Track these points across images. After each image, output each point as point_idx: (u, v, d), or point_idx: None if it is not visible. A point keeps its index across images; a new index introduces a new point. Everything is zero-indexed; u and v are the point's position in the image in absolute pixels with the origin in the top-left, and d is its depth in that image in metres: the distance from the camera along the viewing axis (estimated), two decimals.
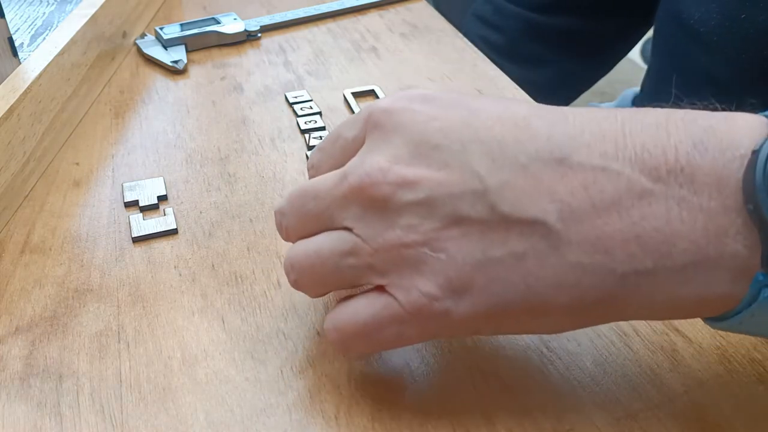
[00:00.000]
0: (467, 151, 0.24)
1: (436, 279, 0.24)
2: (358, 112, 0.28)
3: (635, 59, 1.87)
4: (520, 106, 0.25)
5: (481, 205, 0.23)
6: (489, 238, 0.23)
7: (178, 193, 0.42)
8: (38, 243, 0.38)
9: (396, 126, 0.25)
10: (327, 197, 0.26)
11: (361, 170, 0.25)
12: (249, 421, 0.28)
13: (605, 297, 0.23)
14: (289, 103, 0.51)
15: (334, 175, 0.26)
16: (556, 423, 0.28)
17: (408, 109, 0.25)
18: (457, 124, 0.25)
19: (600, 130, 0.23)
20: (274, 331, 0.32)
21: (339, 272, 0.26)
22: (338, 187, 0.26)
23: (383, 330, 0.25)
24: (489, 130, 0.24)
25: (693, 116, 0.23)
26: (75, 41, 0.48)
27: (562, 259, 0.23)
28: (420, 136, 0.25)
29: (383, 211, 0.24)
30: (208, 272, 0.36)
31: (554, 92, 0.73)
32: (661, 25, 0.60)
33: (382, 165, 0.24)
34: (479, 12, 0.75)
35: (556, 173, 0.23)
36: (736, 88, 0.51)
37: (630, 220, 0.22)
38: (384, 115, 0.26)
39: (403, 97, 0.26)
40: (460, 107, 0.25)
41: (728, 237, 0.21)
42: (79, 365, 0.31)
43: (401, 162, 0.24)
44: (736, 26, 0.48)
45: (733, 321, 0.23)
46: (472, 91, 0.51)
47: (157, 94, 0.52)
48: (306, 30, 0.62)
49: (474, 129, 0.24)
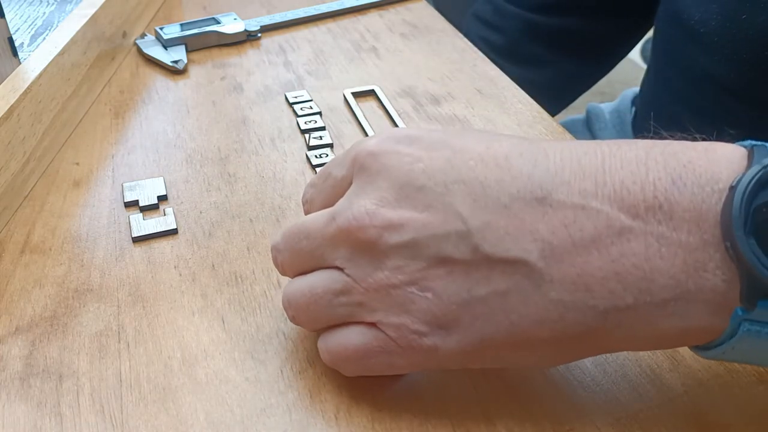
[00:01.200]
0: (450, 193, 0.25)
1: (423, 317, 0.25)
2: (347, 151, 0.28)
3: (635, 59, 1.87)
4: (502, 144, 0.25)
5: (464, 246, 0.24)
6: (473, 278, 0.24)
7: (178, 193, 0.42)
8: (38, 243, 0.38)
9: (381, 169, 0.26)
10: (318, 237, 0.27)
11: (348, 213, 0.26)
12: (249, 421, 0.28)
13: (587, 332, 0.24)
14: (289, 103, 0.51)
15: (324, 215, 0.27)
16: (556, 423, 0.28)
17: (393, 152, 0.26)
18: (441, 165, 0.25)
19: (580, 167, 0.24)
20: (274, 331, 0.32)
21: (332, 310, 0.27)
22: (327, 228, 0.26)
23: (373, 359, 0.27)
24: (471, 171, 0.25)
25: (673, 150, 0.23)
26: (75, 41, 0.48)
27: (544, 296, 0.23)
28: (405, 178, 0.25)
29: (371, 252, 0.25)
30: (208, 272, 0.36)
31: (554, 92, 0.73)
32: (661, 25, 0.60)
33: (368, 208, 0.25)
34: (479, 12, 0.75)
35: (536, 212, 0.23)
36: (736, 88, 0.51)
37: (609, 258, 0.23)
38: (370, 157, 0.26)
39: (389, 138, 0.27)
40: (444, 147, 0.26)
41: (707, 271, 0.22)
42: (79, 365, 0.31)
43: (387, 205, 0.25)
44: (736, 27, 0.48)
45: (716, 351, 0.23)
46: (472, 91, 0.51)
47: (157, 94, 0.53)
48: (306, 30, 0.62)
49: (457, 170, 0.25)
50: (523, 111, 0.49)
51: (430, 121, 0.48)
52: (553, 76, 0.73)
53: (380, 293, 0.25)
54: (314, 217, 0.28)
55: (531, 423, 0.28)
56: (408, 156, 0.26)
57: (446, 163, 0.25)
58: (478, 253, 0.24)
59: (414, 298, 0.25)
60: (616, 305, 0.23)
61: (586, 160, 0.24)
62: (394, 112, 0.49)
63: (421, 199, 0.25)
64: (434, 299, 0.25)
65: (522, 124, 0.47)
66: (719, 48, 0.50)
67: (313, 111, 0.49)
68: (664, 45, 0.60)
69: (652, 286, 0.22)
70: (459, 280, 0.24)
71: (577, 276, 0.23)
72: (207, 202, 0.41)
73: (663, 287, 0.22)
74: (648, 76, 0.66)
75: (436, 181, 0.25)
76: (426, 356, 0.26)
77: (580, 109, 0.79)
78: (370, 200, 0.25)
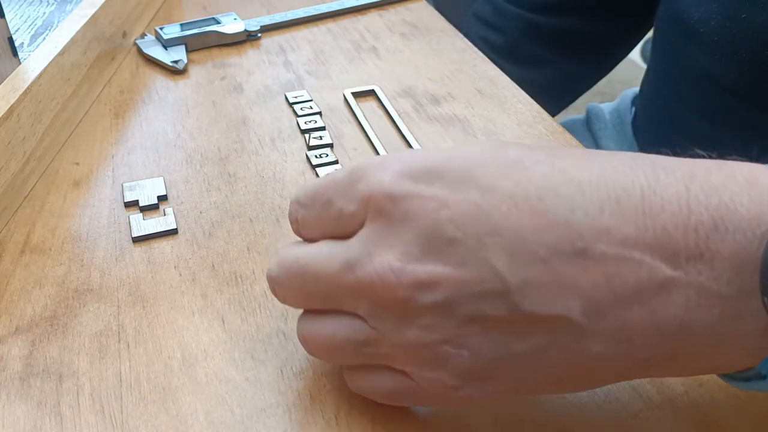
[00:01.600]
0: (485, 247, 0.22)
1: (458, 372, 0.24)
2: (351, 177, 0.25)
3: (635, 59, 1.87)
4: (532, 177, 0.23)
5: (502, 304, 0.22)
6: (511, 334, 0.23)
7: (178, 193, 0.42)
8: (38, 243, 0.38)
9: (403, 217, 0.23)
10: (331, 283, 0.25)
11: (370, 267, 0.23)
12: (249, 421, 0.28)
13: (621, 374, 0.24)
14: (289, 103, 0.51)
15: (336, 259, 0.25)
16: (557, 423, 0.28)
17: (414, 195, 0.23)
18: (470, 212, 0.23)
19: (619, 208, 0.22)
20: (274, 331, 0.32)
21: (356, 356, 0.26)
22: (344, 277, 0.24)
23: (400, 400, 0.27)
24: (505, 219, 0.22)
25: (713, 183, 0.22)
26: (75, 41, 0.48)
27: (585, 350, 0.23)
28: (431, 229, 0.23)
29: (399, 311, 0.24)
30: (208, 272, 0.36)
31: (554, 92, 0.73)
32: (660, 25, 0.60)
33: (393, 265, 0.23)
34: (479, 12, 0.75)
35: (577, 266, 0.22)
36: (735, 88, 0.51)
37: (650, 309, 0.22)
38: (389, 202, 0.24)
39: (406, 175, 0.24)
40: (469, 186, 0.23)
41: (743, 320, 0.22)
42: (79, 365, 0.31)
43: (414, 260, 0.23)
44: (736, 26, 0.48)
45: (745, 384, 0.24)
46: (472, 91, 0.51)
47: (157, 94, 0.52)
48: (306, 30, 0.62)
49: (488, 217, 0.23)
50: (523, 111, 0.49)
51: (430, 121, 0.48)
52: (553, 76, 0.73)
53: (410, 350, 0.24)
54: (322, 257, 0.25)
55: (532, 423, 0.28)
56: (431, 200, 0.23)
57: (476, 209, 0.23)
58: (517, 311, 0.22)
59: (448, 355, 0.23)
60: (654, 354, 0.23)
61: (625, 199, 0.22)
62: (394, 112, 0.49)
63: (452, 254, 0.23)
64: (470, 356, 0.23)
65: (522, 124, 0.47)
66: (719, 48, 0.50)
67: (313, 111, 0.49)
68: (664, 45, 0.60)
69: (690, 336, 0.22)
70: (496, 337, 0.23)
71: (618, 329, 0.22)
72: (207, 202, 0.41)
73: (700, 336, 0.22)
74: (648, 76, 0.66)
75: (468, 233, 0.22)
76: (457, 402, 0.26)
77: (580, 109, 0.79)
78: (394, 255, 0.23)
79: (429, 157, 0.24)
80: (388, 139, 0.46)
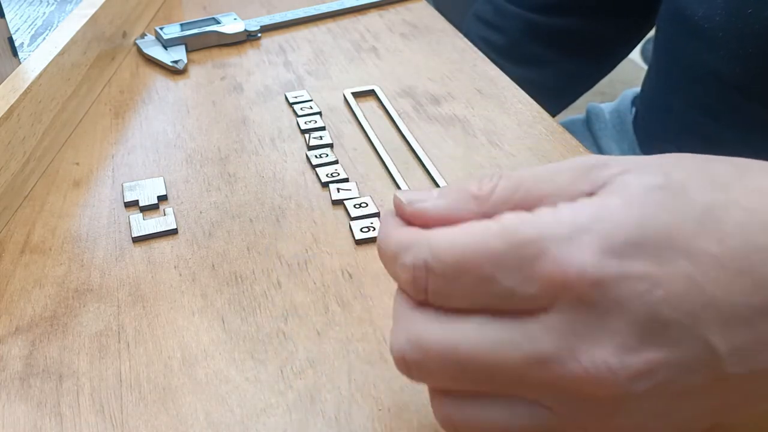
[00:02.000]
0: (700, 322, 0.21)
1: None
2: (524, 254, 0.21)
3: (635, 59, 1.87)
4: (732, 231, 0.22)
5: (711, 373, 0.22)
6: (708, 394, 0.23)
7: (178, 193, 0.41)
8: (38, 243, 0.38)
9: (613, 306, 0.21)
10: (510, 377, 0.22)
11: (576, 367, 0.21)
12: (249, 421, 0.28)
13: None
14: (289, 103, 0.51)
15: (516, 350, 0.21)
16: None
17: (622, 278, 0.21)
18: (684, 289, 0.21)
19: None
20: (274, 331, 0.32)
21: None
22: (532, 373, 0.21)
23: None
24: (716, 287, 0.21)
25: None
26: (75, 41, 0.48)
27: None
28: (646, 314, 0.21)
29: (609, 404, 0.21)
30: (208, 272, 0.36)
31: (554, 92, 0.73)
32: (663, 22, 0.60)
33: (610, 363, 0.20)
34: (480, 12, 0.75)
35: None
36: (742, 84, 0.51)
37: None
38: (594, 290, 0.20)
39: (607, 252, 0.21)
40: (677, 255, 0.21)
41: None
42: (79, 365, 0.31)
43: (630, 351, 0.21)
44: (742, 21, 0.48)
45: None
46: (472, 91, 0.51)
47: (157, 94, 0.52)
48: (306, 30, 0.62)
49: (701, 290, 0.21)
50: (523, 111, 0.49)
51: (430, 121, 0.48)
52: (553, 76, 0.73)
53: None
54: (489, 344, 0.22)
55: None
56: (642, 281, 0.21)
57: (688, 282, 0.21)
58: (723, 374, 0.22)
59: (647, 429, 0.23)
60: None
61: None
62: (394, 112, 0.49)
63: (668, 336, 0.21)
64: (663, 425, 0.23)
65: (522, 124, 0.47)
66: (724, 43, 0.50)
67: (313, 111, 0.49)
68: (666, 43, 0.60)
69: None
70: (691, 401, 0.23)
71: None
72: (207, 202, 0.41)
73: None
74: (649, 76, 0.66)
75: (682, 312, 0.21)
76: None
77: (580, 109, 0.79)
78: (609, 351, 0.21)
79: (621, 222, 0.21)
80: (388, 139, 0.46)
